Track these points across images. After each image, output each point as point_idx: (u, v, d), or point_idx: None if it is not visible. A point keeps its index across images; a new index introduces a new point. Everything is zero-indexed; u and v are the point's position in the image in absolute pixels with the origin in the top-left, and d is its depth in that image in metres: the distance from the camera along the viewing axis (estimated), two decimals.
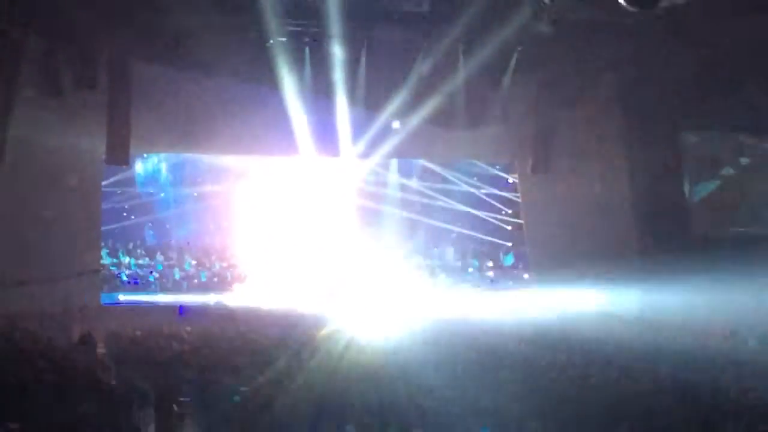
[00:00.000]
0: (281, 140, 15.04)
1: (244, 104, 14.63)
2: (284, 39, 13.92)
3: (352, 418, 5.70)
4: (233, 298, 16.17)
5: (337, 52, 14.14)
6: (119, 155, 14.38)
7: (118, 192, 17.72)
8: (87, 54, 13.71)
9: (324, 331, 10.02)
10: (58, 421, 5.32)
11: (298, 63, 14.33)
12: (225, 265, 18.03)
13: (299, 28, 13.98)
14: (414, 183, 19.52)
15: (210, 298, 16.17)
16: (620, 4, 10.55)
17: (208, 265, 17.99)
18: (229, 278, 17.59)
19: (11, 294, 12.26)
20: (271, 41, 13.82)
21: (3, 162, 12.66)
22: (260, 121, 14.74)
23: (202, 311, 14.03)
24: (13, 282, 12.52)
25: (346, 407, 5.87)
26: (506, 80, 15.13)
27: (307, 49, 14.37)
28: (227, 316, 13.34)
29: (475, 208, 19.30)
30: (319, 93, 14.69)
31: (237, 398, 6.63)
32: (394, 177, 19.44)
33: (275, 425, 5.93)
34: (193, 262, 17.97)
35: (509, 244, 19.42)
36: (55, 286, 13.11)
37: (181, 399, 6.91)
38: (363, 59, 14.44)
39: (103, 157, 14.53)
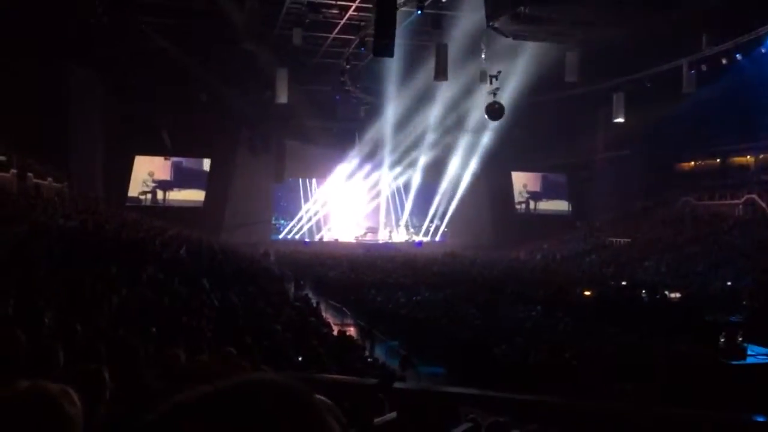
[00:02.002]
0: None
1: (324, 157, 34.60)
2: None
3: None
4: (325, 236, 36.58)
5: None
6: (279, 178, 35.03)
7: (279, 193, 38.02)
8: (267, 137, 33.96)
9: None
10: (256, 285, 18.02)
11: (350, 140, 33.99)
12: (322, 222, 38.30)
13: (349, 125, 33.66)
14: None
15: (316, 237, 36.70)
16: None
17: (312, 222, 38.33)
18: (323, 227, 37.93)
19: (238, 232, 33.09)
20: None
21: (232, 184, 33.46)
22: (329, 163, 34.85)
23: (313, 242, 34.72)
24: (239, 226, 33.41)
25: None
26: None
27: (356, 134, 33.90)
28: (323, 244, 34.07)
29: None
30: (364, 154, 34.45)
31: (331, 275, 25.11)
32: None
33: (346, 289, 22.54)
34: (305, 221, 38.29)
35: None
36: (254, 228, 33.98)
37: (302, 280, 24.57)
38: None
39: (273, 178, 35.11)
